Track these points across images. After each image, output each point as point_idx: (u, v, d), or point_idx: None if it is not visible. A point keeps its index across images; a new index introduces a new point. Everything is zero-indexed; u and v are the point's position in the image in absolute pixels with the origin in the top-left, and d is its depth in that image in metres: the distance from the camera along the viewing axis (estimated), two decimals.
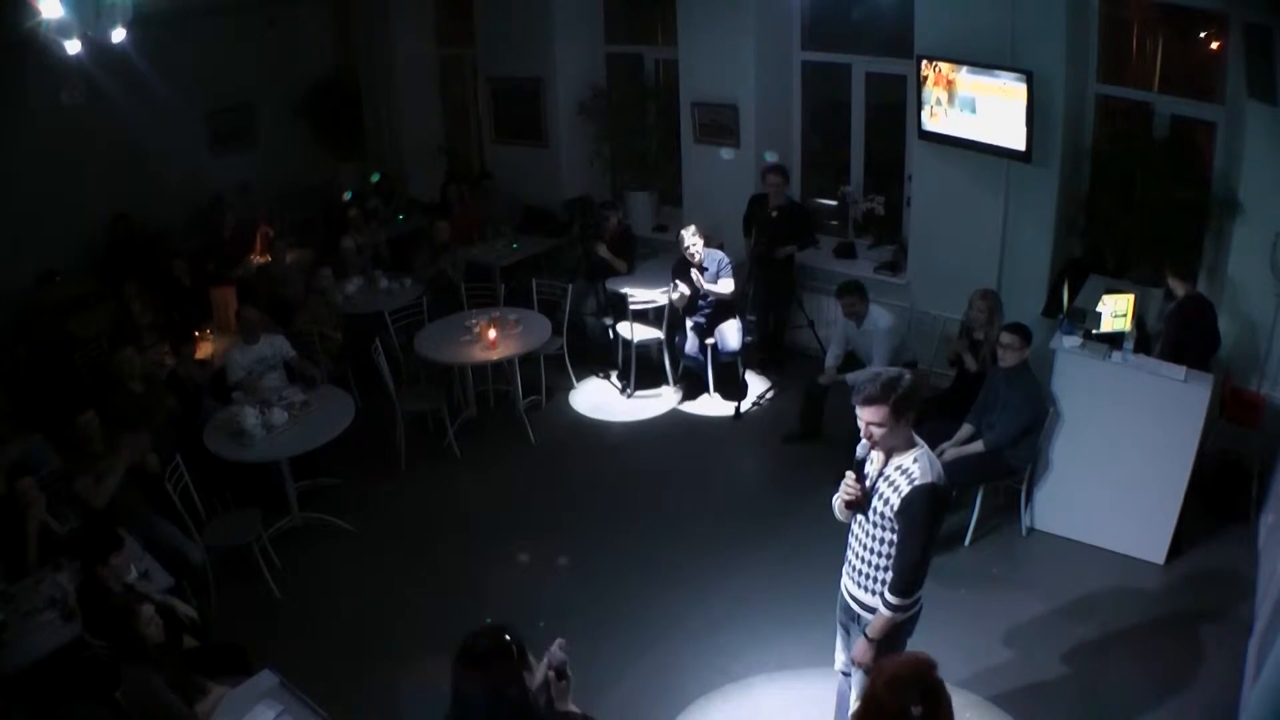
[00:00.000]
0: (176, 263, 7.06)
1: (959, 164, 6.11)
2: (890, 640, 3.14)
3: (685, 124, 7.56)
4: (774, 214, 6.58)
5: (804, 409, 6.09)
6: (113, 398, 5.30)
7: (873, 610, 3.13)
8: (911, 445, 3.02)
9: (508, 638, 2.31)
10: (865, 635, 3.15)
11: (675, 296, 6.47)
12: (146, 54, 6.52)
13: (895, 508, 2.97)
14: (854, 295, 5.70)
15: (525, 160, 8.69)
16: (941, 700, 2.03)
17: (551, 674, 2.36)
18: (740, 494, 5.73)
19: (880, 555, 3.10)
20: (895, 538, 3.03)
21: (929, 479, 2.93)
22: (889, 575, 3.07)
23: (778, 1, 6.83)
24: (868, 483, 3.09)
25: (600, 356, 7.36)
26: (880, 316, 5.71)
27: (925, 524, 2.94)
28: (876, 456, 3.08)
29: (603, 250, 7.17)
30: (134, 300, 6.51)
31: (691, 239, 6.34)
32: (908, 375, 2.99)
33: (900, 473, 2.99)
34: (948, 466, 4.89)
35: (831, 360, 5.92)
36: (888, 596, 3.05)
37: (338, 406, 5.49)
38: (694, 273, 6.37)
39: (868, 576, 3.16)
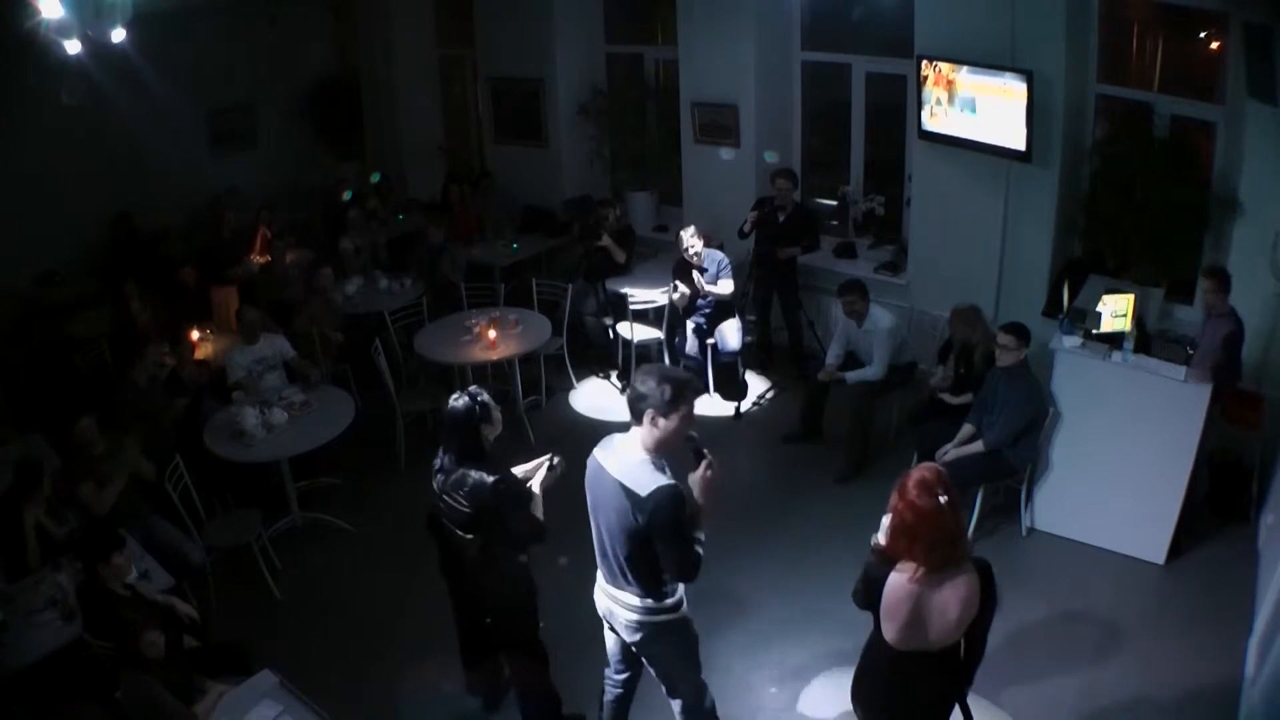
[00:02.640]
0: (185, 271, 7.02)
1: (959, 164, 6.11)
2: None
3: (685, 124, 7.56)
4: (781, 217, 6.60)
5: (804, 408, 6.10)
6: (116, 398, 5.29)
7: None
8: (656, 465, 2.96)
9: (476, 400, 3.41)
10: None
11: (676, 296, 6.47)
12: (146, 54, 6.51)
13: None
14: (854, 294, 5.70)
15: (525, 160, 8.69)
16: (955, 490, 2.66)
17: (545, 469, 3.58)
18: (740, 494, 5.72)
19: None
20: None
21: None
22: None
23: (778, 1, 6.83)
24: None
25: (600, 356, 7.36)
26: (881, 317, 5.71)
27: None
28: None
29: (605, 239, 7.16)
30: (133, 300, 6.52)
31: (691, 240, 6.34)
32: (667, 393, 2.84)
33: None
34: (949, 466, 4.93)
35: (832, 359, 5.92)
36: None
37: (338, 406, 5.50)
38: (694, 274, 6.37)
39: None
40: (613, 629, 3.34)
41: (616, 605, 3.18)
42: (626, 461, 2.96)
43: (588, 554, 3.28)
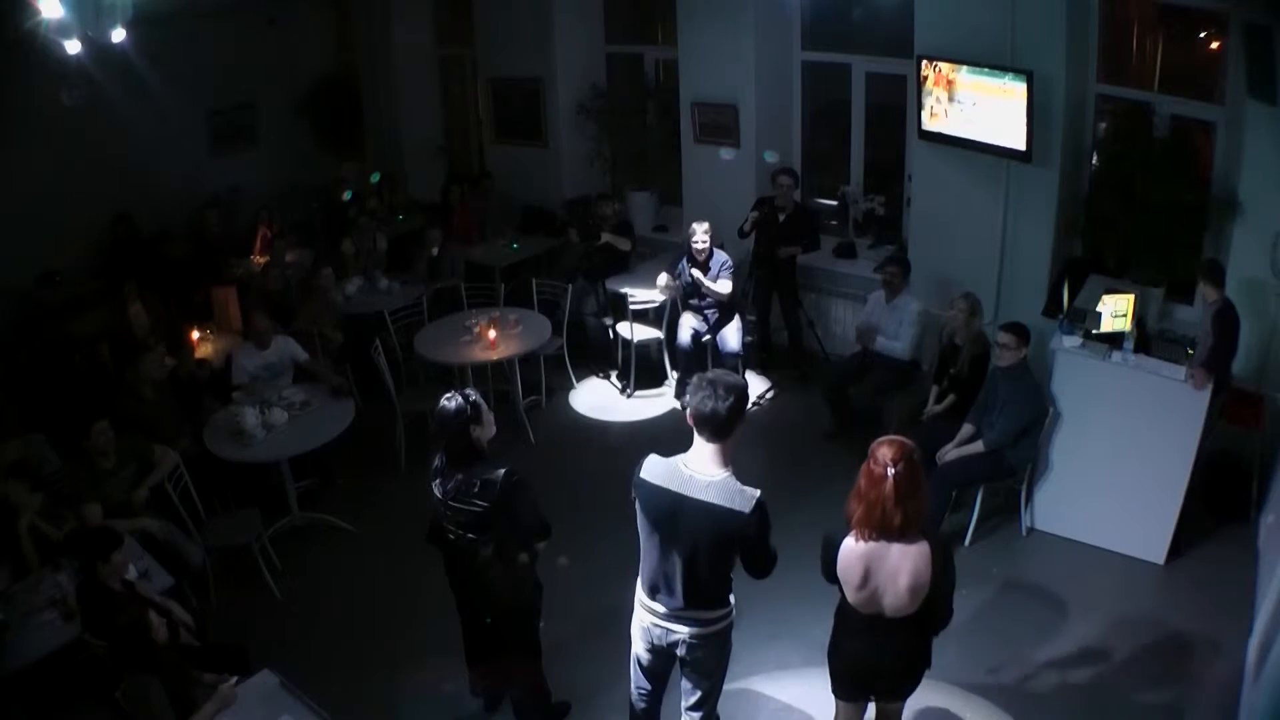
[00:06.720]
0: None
1: (959, 164, 6.11)
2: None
3: (685, 124, 7.56)
4: (781, 216, 6.59)
5: (831, 404, 6.10)
6: (123, 403, 5.27)
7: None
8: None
9: (468, 401, 3.40)
10: None
11: (662, 284, 6.48)
12: (146, 54, 6.52)
13: None
14: (897, 266, 5.86)
15: (525, 160, 8.70)
16: (915, 462, 2.78)
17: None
18: None
19: None
20: None
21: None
22: None
23: (778, 1, 6.82)
24: None
25: (600, 356, 7.36)
26: (910, 300, 5.82)
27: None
28: None
29: (607, 235, 7.16)
30: (133, 300, 6.51)
31: (702, 235, 6.32)
32: (723, 406, 2.84)
33: None
34: (949, 466, 4.97)
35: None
36: None
37: (338, 406, 5.49)
38: (695, 271, 6.37)
39: None
40: (662, 653, 3.27)
41: (682, 626, 3.13)
42: (713, 483, 2.92)
43: (588, 554, 3.28)
